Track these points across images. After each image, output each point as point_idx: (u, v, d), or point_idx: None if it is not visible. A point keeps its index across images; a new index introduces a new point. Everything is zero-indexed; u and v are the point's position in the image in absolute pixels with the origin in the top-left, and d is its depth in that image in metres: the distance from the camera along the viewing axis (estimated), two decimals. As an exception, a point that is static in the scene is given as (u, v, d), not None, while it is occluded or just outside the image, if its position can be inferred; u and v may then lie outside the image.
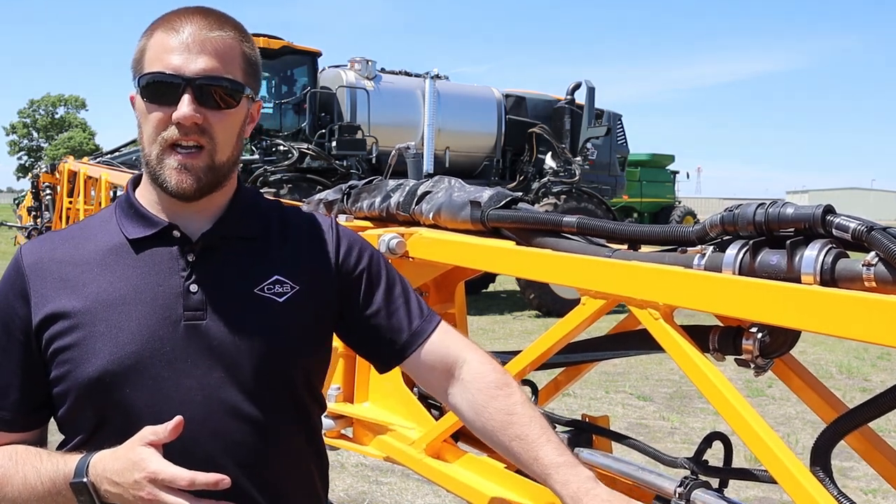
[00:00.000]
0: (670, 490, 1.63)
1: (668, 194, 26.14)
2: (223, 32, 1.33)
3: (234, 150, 1.37)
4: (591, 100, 13.67)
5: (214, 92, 1.31)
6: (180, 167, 1.31)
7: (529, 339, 6.84)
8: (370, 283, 1.52)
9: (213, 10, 1.36)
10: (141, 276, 1.35)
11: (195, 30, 1.31)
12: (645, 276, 1.57)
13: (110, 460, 1.23)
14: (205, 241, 1.38)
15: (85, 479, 1.24)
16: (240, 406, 1.34)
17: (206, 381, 1.33)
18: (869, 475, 4.94)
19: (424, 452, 2.11)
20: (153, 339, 1.31)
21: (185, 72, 1.29)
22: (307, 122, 12.54)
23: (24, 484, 1.30)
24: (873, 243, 1.31)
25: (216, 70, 1.30)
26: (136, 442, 1.21)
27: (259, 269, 1.41)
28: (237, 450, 1.33)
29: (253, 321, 1.37)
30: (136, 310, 1.32)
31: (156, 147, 1.31)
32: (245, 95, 1.36)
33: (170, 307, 1.33)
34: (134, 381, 1.30)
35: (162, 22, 1.34)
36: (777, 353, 1.56)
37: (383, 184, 2.68)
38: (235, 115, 1.35)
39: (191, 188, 1.32)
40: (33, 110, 76.70)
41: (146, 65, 1.32)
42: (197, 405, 1.32)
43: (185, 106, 1.28)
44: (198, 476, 1.17)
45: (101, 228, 1.42)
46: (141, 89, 1.32)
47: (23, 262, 1.37)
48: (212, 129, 1.31)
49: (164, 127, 1.30)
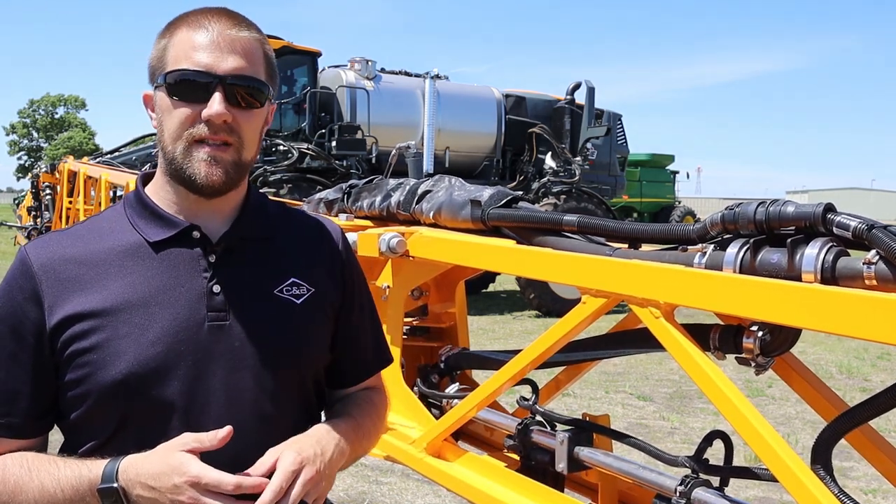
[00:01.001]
0: (671, 488, 1.63)
1: (668, 194, 26.17)
2: (249, 33, 1.34)
3: (256, 149, 1.39)
4: (591, 100, 13.66)
5: (244, 91, 1.32)
6: (210, 159, 1.30)
7: (529, 339, 6.84)
8: (361, 302, 1.57)
9: (234, 12, 1.37)
10: (162, 277, 1.34)
11: (222, 29, 1.31)
12: (646, 275, 1.57)
13: (144, 464, 1.21)
14: (226, 242, 1.38)
15: (115, 485, 1.21)
16: (262, 406, 1.35)
17: (230, 382, 1.33)
18: (869, 475, 4.94)
19: (425, 451, 2.11)
20: (178, 340, 1.31)
21: (216, 70, 1.29)
22: (307, 122, 12.54)
23: (41, 491, 1.27)
24: (874, 241, 1.31)
25: (245, 69, 1.32)
26: (176, 447, 1.20)
27: (276, 270, 1.42)
28: (262, 448, 1.32)
29: (274, 322, 1.38)
30: (159, 311, 1.31)
31: (181, 143, 1.31)
32: (268, 96, 1.37)
33: (193, 308, 1.33)
34: (159, 382, 1.29)
35: (185, 20, 1.34)
36: (777, 351, 1.56)
37: (383, 183, 2.68)
38: (260, 115, 1.37)
39: (220, 180, 1.31)
40: (33, 110, 76.66)
41: (171, 62, 1.31)
42: (222, 406, 1.32)
43: (216, 104, 1.28)
44: (245, 480, 1.17)
45: (111, 228, 1.39)
46: (167, 86, 1.31)
47: (31, 262, 1.33)
48: (239, 127, 1.32)
49: (190, 124, 1.30)
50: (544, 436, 2.00)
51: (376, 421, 1.56)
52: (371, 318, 1.62)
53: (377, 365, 1.63)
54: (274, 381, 1.36)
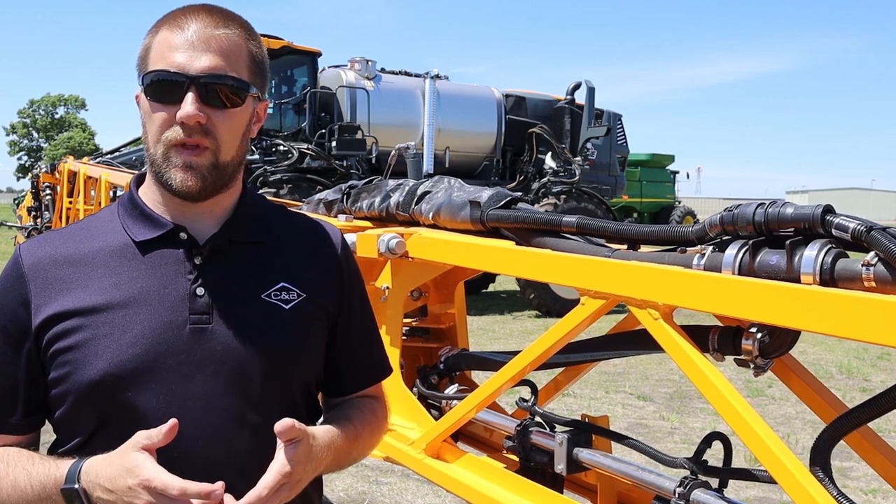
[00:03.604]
0: (670, 490, 1.63)
1: (668, 194, 26.14)
2: (229, 30, 1.31)
3: (239, 150, 1.35)
4: (591, 100, 13.66)
5: (219, 90, 1.29)
6: (185, 165, 1.29)
7: (529, 339, 6.84)
8: (360, 308, 1.54)
9: (219, 8, 1.34)
10: (146, 278, 1.33)
11: (200, 27, 1.29)
12: (645, 276, 1.57)
13: (103, 466, 1.20)
14: (213, 244, 1.36)
15: (76, 486, 1.21)
16: (242, 412, 1.33)
17: (209, 386, 1.31)
18: (869, 475, 4.94)
19: (424, 452, 2.11)
20: (158, 342, 1.30)
21: (188, 70, 1.27)
22: (307, 122, 12.53)
23: (13, 487, 1.28)
24: (873, 243, 1.31)
25: (221, 68, 1.29)
26: (130, 448, 1.18)
27: (265, 274, 1.39)
28: (239, 456, 1.31)
29: (259, 327, 1.35)
30: (140, 312, 1.30)
31: (160, 147, 1.29)
32: (250, 94, 1.34)
33: (175, 310, 1.31)
34: (137, 384, 1.28)
35: (167, 19, 1.32)
36: (777, 353, 1.56)
37: (383, 184, 2.68)
38: (240, 115, 1.33)
39: (196, 186, 1.30)
40: (33, 110, 76.67)
41: (150, 63, 1.30)
42: (200, 410, 1.30)
43: (188, 105, 1.26)
44: (190, 486, 1.14)
45: (103, 228, 1.39)
46: (145, 88, 1.30)
47: (23, 262, 1.34)
48: (215, 129, 1.29)
49: (167, 126, 1.28)
50: (543, 437, 2.00)
51: (374, 430, 1.53)
52: (371, 326, 1.58)
53: (377, 375, 1.60)
54: (256, 387, 1.34)
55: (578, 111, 13.79)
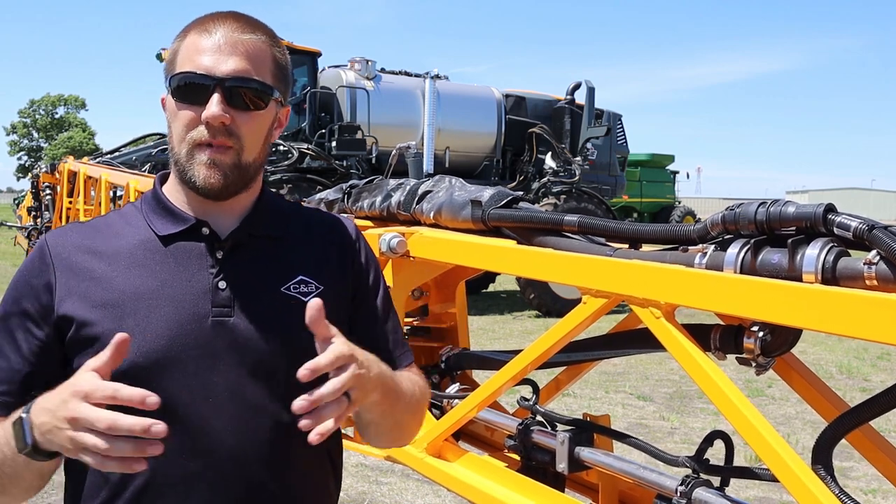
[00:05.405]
0: (672, 488, 1.63)
1: (668, 194, 26.16)
2: (254, 36, 1.36)
3: (261, 152, 1.39)
4: (591, 100, 13.67)
5: (244, 93, 1.33)
6: (210, 162, 1.32)
7: (529, 339, 6.84)
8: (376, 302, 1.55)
9: (245, 15, 1.39)
10: (169, 272, 1.36)
11: (227, 32, 1.34)
12: (646, 275, 1.57)
13: (51, 392, 1.17)
14: (234, 239, 1.40)
15: (24, 415, 1.19)
16: (264, 403, 1.35)
17: (231, 378, 1.34)
18: (869, 475, 4.94)
19: (425, 452, 2.11)
20: (181, 334, 1.32)
21: (215, 72, 1.31)
22: (307, 122, 12.54)
23: None
24: (875, 242, 1.31)
25: (246, 72, 1.33)
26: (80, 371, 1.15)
27: (284, 268, 1.43)
28: (261, 447, 1.33)
29: (279, 319, 1.38)
30: (164, 305, 1.33)
31: (185, 146, 1.34)
32: (274, 98, 1.38)
33: (198, 303, 1.34)
34: (160, 375, 1.30)
35: (195, 25, 1.37)
36: (778, 351, 1.56)
37: (384, 183, 2.69)
38: (263, 118, 1.37)
39: (218, 184, 1.33)
40: (33, 110, 76.70)
41: (178, 66, 1.35)
42: (222, 402, 1.32)
43: (213, 106, 1.30)
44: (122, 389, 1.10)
45: (127, 223, 1.43)
46: (172, 89, 1.35)
47: (49, 250, 1.37)
48: (239, 130, 1.33)
49: (193, 126, 1.32)
50: (545, 436, 2.00)
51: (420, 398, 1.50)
52: (392, 314, 1.58)
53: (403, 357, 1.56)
54: (278, 379, 1.36)
55: (578, 111, 13.80)
